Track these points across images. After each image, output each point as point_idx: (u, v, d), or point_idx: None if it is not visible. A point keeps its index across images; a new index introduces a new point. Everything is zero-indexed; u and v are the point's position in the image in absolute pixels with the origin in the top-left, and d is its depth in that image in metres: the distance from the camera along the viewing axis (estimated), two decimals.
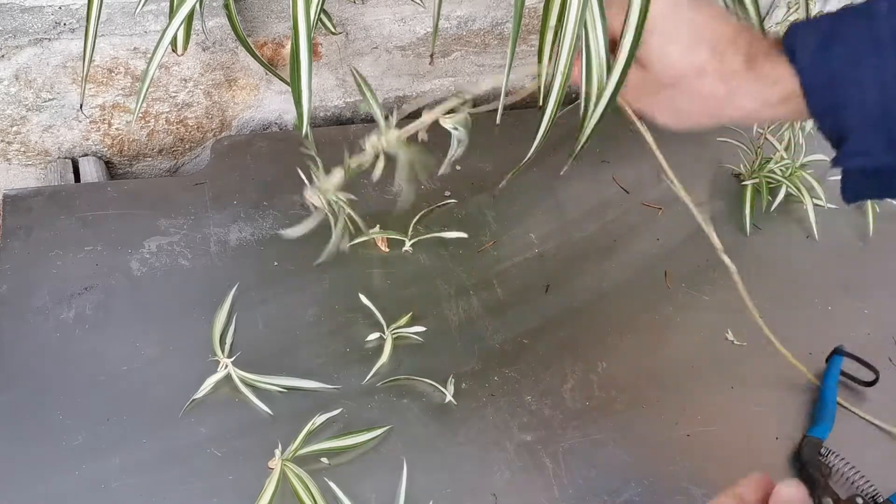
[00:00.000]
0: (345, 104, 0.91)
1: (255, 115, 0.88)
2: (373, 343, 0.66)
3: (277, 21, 0.80)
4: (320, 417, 0.59)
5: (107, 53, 0.76)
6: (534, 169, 0.82)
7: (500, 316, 0.70)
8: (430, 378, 0.64)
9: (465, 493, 0.59)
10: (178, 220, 0.74)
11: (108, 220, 0.73)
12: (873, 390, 0.68)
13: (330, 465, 0.58)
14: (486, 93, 0.51)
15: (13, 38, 0.72)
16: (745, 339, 0.71)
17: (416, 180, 0.76)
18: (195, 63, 0.80)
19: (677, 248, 0.78)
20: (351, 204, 0.55)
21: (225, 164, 0.80)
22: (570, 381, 0.66)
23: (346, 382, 0.63)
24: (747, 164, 0.85)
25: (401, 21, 0.85)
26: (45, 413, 0.59)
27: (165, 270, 0.69)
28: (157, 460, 0.57)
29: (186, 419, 0.60)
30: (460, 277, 0.72)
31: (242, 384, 0.61)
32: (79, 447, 0.57)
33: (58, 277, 0.67)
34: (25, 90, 0.76)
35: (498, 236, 0.76)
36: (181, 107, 0.83)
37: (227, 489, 0.56)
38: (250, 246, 0.73)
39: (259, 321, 0.67)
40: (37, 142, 0.80)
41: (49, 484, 0.55)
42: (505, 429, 0.62)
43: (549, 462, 0.61)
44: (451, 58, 0.90)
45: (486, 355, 0.67)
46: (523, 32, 0.91)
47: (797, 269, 0.79)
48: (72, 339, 0.63)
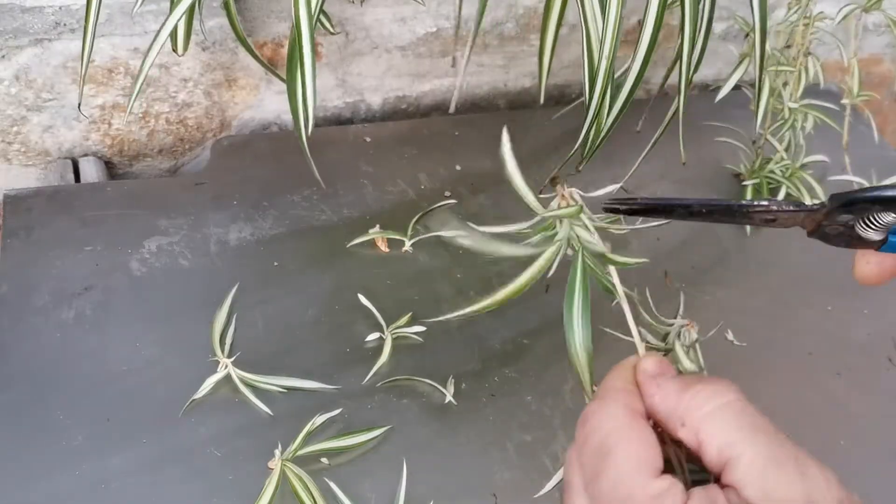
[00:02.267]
0: (345, 104, 0.91)
1: (255, 115, 0.88)
2: (373, 343, 0.66)
3: (277, 21, 0.80)
4: (320, 417, 0.59)
5: (107, 54, 0.76)
6: (532, 169, 0.81)
7: (500, 316, 0.70)
8: (430, 378, 0.64)
9: (465, 493, 0.58)
10: (178, 220, 0.74)
11: (108, 220, 0.73)
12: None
13: (330, 465, 0.58)
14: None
15: (13, 39, 0.72)
16: (746, 339, 0.71)
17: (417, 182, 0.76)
18: (195, 63, 0.80)
19: (677, 248, 0.78)
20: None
21: (225, 164, 0.80)
22: (570, 381, 0.66)
23: (346, 382, 0.63)
24: (747, 164, 0.85)
25: (401, 21, 0.85)
26: (45, 413, 0.59)
27: (165, 270, 0.69)
28: (157, 460, 0.57)
29: (186, 419, 0.60)
30: (460, 277, 0.72)
31: (242, 384, 0.61)
32: (79, 447, 0.57)
33: (58, 277, 0.67)
34: (26, 90, 0.76)
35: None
36: (181, 107, 0.83)
37: (227, 489, 0.56)
38: (250, 246, 0.72)
39: (259, 321, 0.67)
40: (37, 142, 0.80)
41: (49, 484, 0.55)
42: (505, 429, 0.62)
43: (549, 462, 0.61)
44: (452, 57, 0.90)
45: (486, 355, 0.67)
46: (523, 32, 0.91)
47: (797, 269, 0.79)
48: (72, 339, 0.63)
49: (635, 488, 0.33)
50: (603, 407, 0.37)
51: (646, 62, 0.47)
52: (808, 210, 0.39)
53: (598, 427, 0.36)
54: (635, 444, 0.34)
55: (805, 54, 0.78)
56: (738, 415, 0.34)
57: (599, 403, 0.37)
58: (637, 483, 0.33)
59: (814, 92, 0.83)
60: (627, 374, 0.39)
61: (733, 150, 0.87)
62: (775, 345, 0.71)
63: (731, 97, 0.78)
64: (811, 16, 0.76)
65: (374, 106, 0.92)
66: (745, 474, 0.32)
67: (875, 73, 1.12)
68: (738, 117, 0.84)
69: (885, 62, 1.11)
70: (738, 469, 0.33)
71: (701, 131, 0.87)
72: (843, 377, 0.69)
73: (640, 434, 0.35)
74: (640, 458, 0.34)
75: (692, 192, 0.84)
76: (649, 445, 0.35)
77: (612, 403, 0.36)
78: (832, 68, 1.02)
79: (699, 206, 0.40)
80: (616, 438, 0.35)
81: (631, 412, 0.36)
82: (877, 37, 1.08)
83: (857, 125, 0.88)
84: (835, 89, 0.92)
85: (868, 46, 1.08)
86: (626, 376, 0.38)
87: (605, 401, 0.37)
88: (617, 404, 0.36)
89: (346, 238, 0.73)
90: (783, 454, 0.33)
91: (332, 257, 0.72)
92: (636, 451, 0.34)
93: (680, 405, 0.36)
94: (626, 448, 0.34)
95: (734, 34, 0.99)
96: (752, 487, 0.32)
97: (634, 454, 0.34)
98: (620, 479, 0.34)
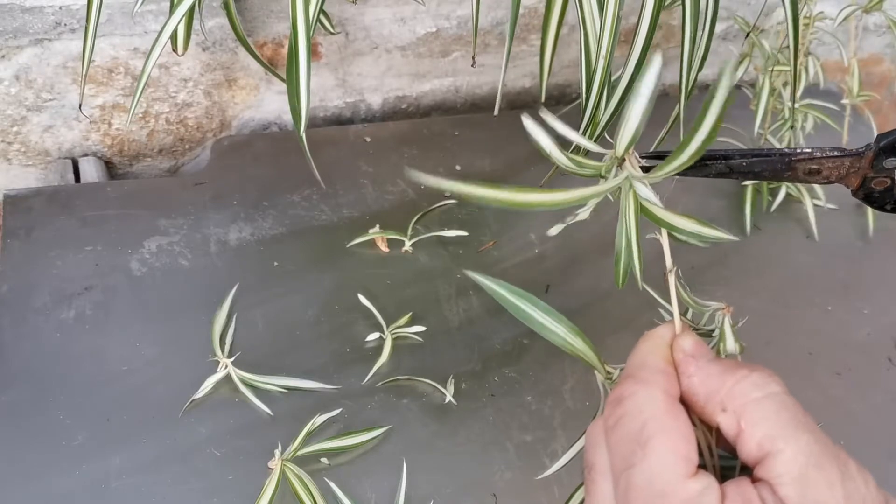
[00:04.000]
0: (345, 104, 0.91)
1: (255, 115, 0.88)
2: (373, 343, 0.66)
3: (277, 21, 0.80)
4: (320, 417, 0.59)
5: (107, 54, 0.76)
6: (532, 168, 0.82)
7: (500, 316, 0.70)
8: (430, 378, 0.64)
9: (465, 493, 0.58)
10: (178, 220, 0.74)
11: (108, 220, 0.73)
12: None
13: (330, 465, 0.58)
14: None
15: (14, 39, 0.72)
16: (746, 339, 0.71)
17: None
18: (195, 63, 0.80)
19: (677, 248, 0.78)
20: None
21: (225, 164, 0.80)
22: (570, 381, 0.66)
23: (345, 382, 0.63)
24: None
25: (401, 21, 0.85)
26: (45, 413, 0.59)
27: (165, 270, 0.69)
28: (157, 460, 0.57)
29: (186, 419, 0.60)
30: (460, 277, 0.72)
31: (242, 384, 0.61)
32: (79, 447, 0.57)
33: (58, 277, 0.67)
34: (26, 90, 0.76)
35: (498, 236, 0.76)
36: (181, 107, 0.83)
37: (227, 489, 0.56)
38: (250, 246, 0.72)
39: (259, 321, 0.67)
40: (37, 142, 0.80)
41: (49, 484, 0.55)
42: (505, 429, 0.62)
43: (549, 462, 0.61)
44: (451, 58, 0.90)
45: (486, 355, 0.67)
46: (523, 32, 0.91)
47: (797, 269, 0.79)
48: (72, 339, 0.63)
49: (671, 486, 0.32)
50: (641, 390, 0.35)
51: (641, 61, 0.47)
52: (852, 155, 0.38)
53: (635, 412, 0.34)
54: (674, 438, 0.33)
55: (805, 54, 0.78)
56: (783, 408, 0.33)
57: (637, 385, 0.35)
58: (674, 481, 0.32)
59: (814, 92, 0.83)
60: (663, 351, 0.37)
61: (733, 150, 0.87)
62: (775, 345, 0.71)
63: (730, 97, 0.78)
64: (811, 16, 0.76)
65: (374, 106, 0.92)
66: (784, 472, 0.31)
67: (875, 73, 1.12)
68: (738, 117, 0.84)
69: (885, 62, 1.11)
70: (776, 465, 0.32)
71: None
72: (843, 377, 0.69)
73: (680, 425, 0.33)
74: (678, 454, 0.32)
75: (692, 192, 0.84)
76: (688, 439, 0.33)
77: (651, 387, 0.35)
78: (832, 68, 1.02)
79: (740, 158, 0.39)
80: (654, 428, 0.33)
81: (671, 399, 0.34)
82: (877, 37, 1.08)
83: (857, 125, 0.88)
84: (835, 89, 0.92)
85: (868, 46, 1.08)
86: (661, 353, 0.37)
87: (643, 383, 0.35)
88: (657, 388, 0.35)
89: (346, 238, 0.73)
90: (825, 454, 0.32)
91: (332, 257, 0.72)
92: (675, 446, 0.33)
93: (722, 388, 0.34)
94: (664, 441, 0.33)
95: (734, 34, 0.99)
96: (789, 487, 0.31)
97: (673, 449, 0.33)
98: (657, 475, 0.32)
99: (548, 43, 0.53)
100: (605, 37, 0.49)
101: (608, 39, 0.49)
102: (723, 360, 0.36)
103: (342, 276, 0.71)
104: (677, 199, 0.83)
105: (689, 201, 0.82)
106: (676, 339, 0.37)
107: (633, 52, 0.47)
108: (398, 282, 0.71)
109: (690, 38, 0.53)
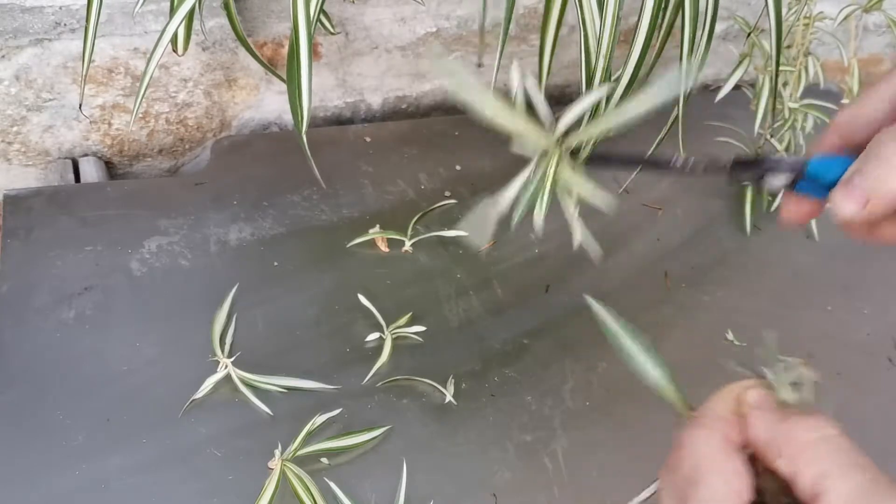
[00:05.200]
0: (345, 104, 0.91)
1: (255, 115, 0.88)
2: (372, 343, 0.66)
3: (277, 21, 0.80)
4: (320, 417, 0.59)
5: (107, 54, 0.76)
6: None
7: (500, 316, 0.70)
8: (430, 378, 0.64)
9: (465, 493, 0.58)
10: (178, 220, 0.74)
11: (108, 220, 0.73)
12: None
13: (330, 465, 0.58)
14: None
15: (14, 39, 0.72)
16: (746, 339, 0.71)
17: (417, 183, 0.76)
18: (195, 63, 0.80)
19: (677, 248, 0.78)
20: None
21: (225, 164, 0.80)
22: (570, 381, 0.66)
23: (345, 382, 0.63)
24: None
25: (401, 21, 0.85)
26: (45, 413, 0.59)
27: (165, 270, 0.69)
28: (157, 460, 0.57)
29: (186, 419, 0.60)
30: (460, 277, 0.72)
31: (242, 384, 0.61)
32: (79, 447, 0.57)
33: (58, 277, 0.67)
34: (26, 90, 0.76)
35: (498, 236, 0.76)
36: (181, 107, 0.83)
37: (227, 489, 0.56)
38: (250, 246, 0.72)
39: (259, 321, 0.67)
40: (37, 142, 0.80)
41: (49, 484, 0.55)
42: (505, 429, 0.62)
43: (549, 462, 0.61)
44: (451, 58, 0.90)
45: (486, 355, 0.67)
46: (523, 32, 0.91)
47: (797, 269, 0.79)
48: (72, 339, 0.63)
49: None
50: (701, 433, 0.37)
51: (641, 61, 0.47)
52: (715, 169, 0.45)
53: (690, 454, 0.36)
54: (725, 476, 0.35)
55: (805, 54, 0.78)
56: (837, 449, 0.34)
57: (696, 430, 0.37)
58: None
59: (814, 92, 0.82)
60: (728, 403, 0.39)
61: (733, 150, 0.87)
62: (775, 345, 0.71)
63: (731, 97, 0.78)
64: (811, 16, 0.76)
65: (374, 106, 0.92)
66: None
67: (875, 73, 1.12)
68: (738, 117, 0.84)
69: (885, 62, 1.11)
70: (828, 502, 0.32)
71: (701, 131, 0.87)
72: (843, 377, 0.69)
73: (731, 465, 0.35)
74: (728, 491, 0.34)
75: (692, 192, 0.84)
76: (740, 477, 0.35)
77: (708, 431, 0.37)
78: (832, 68, 1.02)
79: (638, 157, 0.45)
80: (706, 468, 0.35)
81: (725, 442, 0.36)
82: (877, 37, 1.08)
83: None
84: (835, 89, 0.92)
85: (868, 46, 1.08)
86: (727, 404, 0.39)
87: (703, 427, 0.37)
88: (712, 432, 0.37)
89: (346, 238, 0.73)
90: (877, 493, 0.33)
91: (332, 257, 0.73)
92: (725, 483, 0.34)
93: (779, 434, 0.36)
94: (714, 480, 0.34)
95: (734, 34, 0.99)
96: None
97: (723, 486, 0.34)
98: None
99: (547, 43, 0.53)
100: (604, 37, 0.49)
101: (608, 39, 0.49)
102: (784, 409, 0.38)
103: (342, 276, 0.71)
104: (677, 199, 0.83)
105: (690, 201, 0.82)
106: (743, 391, 0.39)
107: (633, 52, 0.47)
108: (398, 282, 0.71)
109: (689, 39, 0.53)
